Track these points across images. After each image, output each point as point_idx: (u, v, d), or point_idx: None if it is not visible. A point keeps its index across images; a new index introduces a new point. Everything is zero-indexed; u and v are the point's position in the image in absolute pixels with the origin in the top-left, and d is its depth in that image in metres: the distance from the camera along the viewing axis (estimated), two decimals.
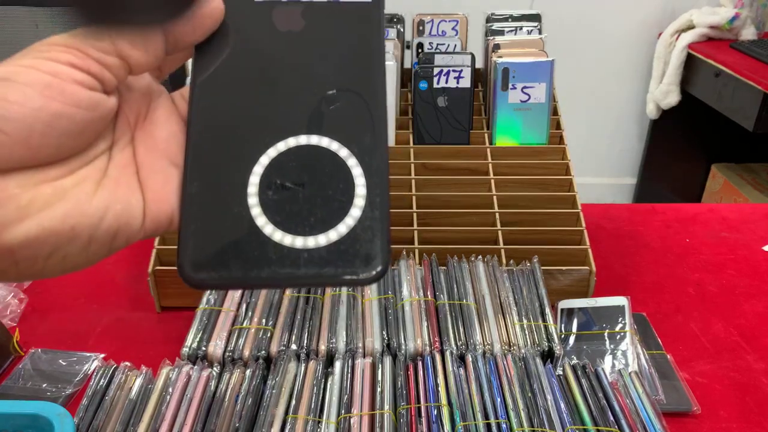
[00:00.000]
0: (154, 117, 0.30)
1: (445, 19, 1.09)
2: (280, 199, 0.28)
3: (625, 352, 0.71)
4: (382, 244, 0.27)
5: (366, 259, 0.26)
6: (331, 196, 0.27)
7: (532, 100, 0.95)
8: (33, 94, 0.25)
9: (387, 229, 0.27)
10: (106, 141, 0.28)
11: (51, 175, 0.26)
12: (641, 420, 0.61)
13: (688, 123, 2.30)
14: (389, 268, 0.27)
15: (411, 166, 0.95)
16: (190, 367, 0.65)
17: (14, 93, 0.24)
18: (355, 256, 0.27)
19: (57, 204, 0.26)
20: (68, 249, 0.26)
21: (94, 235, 0.26)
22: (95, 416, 0.64)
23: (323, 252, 0.27)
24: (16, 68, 0.25)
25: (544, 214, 0.89)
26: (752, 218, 1.05)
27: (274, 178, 0.28)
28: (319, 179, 0.28)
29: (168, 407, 0.61)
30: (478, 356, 0.66)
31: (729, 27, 2.08)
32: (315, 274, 0.27)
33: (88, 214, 0.26)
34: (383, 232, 0.27)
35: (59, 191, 0.26)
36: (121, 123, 0.29)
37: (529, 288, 0.76)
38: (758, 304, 0.85)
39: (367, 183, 0.28)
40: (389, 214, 0.27)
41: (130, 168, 0.28)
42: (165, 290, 0.81)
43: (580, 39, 2.27)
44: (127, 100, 0.29)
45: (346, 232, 0.27)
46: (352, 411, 0.60)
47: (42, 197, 0.25)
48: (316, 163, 0.28)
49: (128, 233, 0.28)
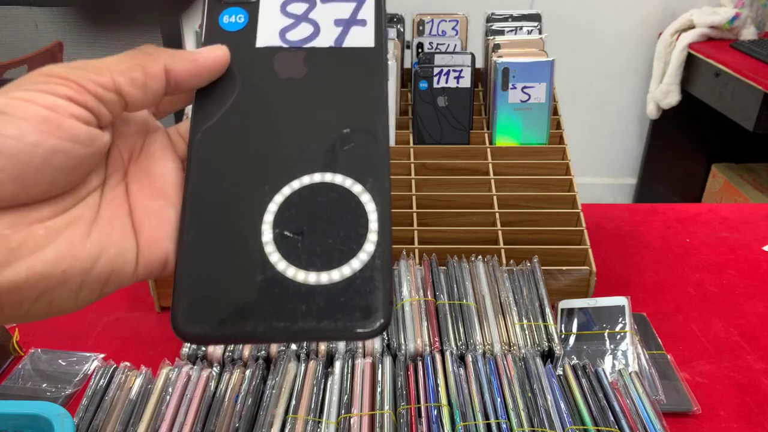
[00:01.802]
0: (149, 153, 0.29)
1: (445, 19, 1.09)
2: (286, 250, 0.26)
3: (626, 352, 0.71)
4: (385, 297, 0.26)
5: (369, 311, 0.25)
6: (336, 246, 0.26)
7: (532, 100, 0.95)
8: (29, 129, 0.23)
9: (390, 280, 0.26)
10: (99, 177, 0.27)
11: (43, 214, 0.25)
12: (641, 420, 0.61)
13: (688, 123, 2.30)
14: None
15: (411, 166, 0.95)
16: (190, 367, 0.65)
17: (9, 127, 0.23)
18: (359, 309, 0.25)
19: (49, 246, 0.24)
20: (57, 294, 0.25)
21: (86, 280, 0.25)
22: (95, 416, 0.64)
23: (328, 306, 0.26)
24: (10, 100, 0.24)
25: (544, 214, 0.89)
26: (752, 218, 1.05)
27: (273, 229, 0.27)
28: (326, 226, 0.27)
29: (168, 407, 0.61)
30: (478, 356, 0.66)
31: (729, 27, 2.08)
32: (323, 328, 0.25)
33: (81, 258, 0.25)
34: (386, 284, 0.26)
35: (51, 233, 0.25)
36: (114, 158, 0.28)
37: (530, 288, 0.76)
38: (758, 304, 0.85)
39: (372, 236, 0.26)
40: (392, 268, 0.26)
41: (123, 208, 0.27)
42: (165, 290, 0.81)
43: (580, 39, 2.27)
44: (122, 134, 0.29)
45: (347, 287, 0.26)
46: (352, 411, 0.60)
47: (34, 239, 0.24)
48: (316, 215, 0.27)
49: (120, 279, 0.26)
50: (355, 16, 0.31)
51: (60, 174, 0.25)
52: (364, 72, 0.30)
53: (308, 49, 0.30)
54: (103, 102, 0.26)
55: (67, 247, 0.25)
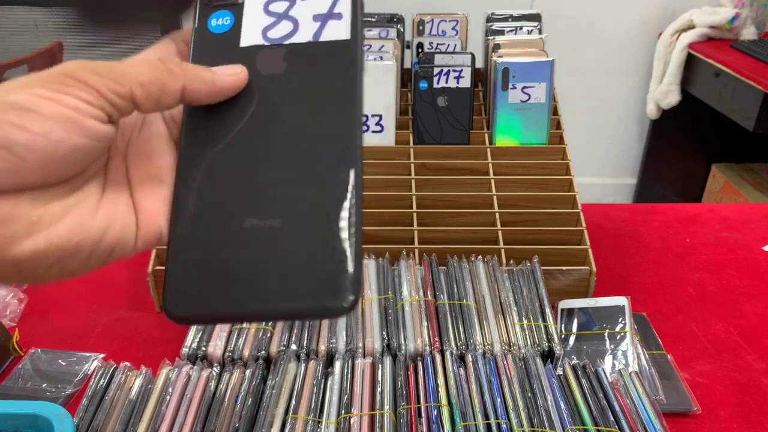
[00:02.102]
0: (147, 136, 0.32)
1: (445, 19, 1.09)
2: (257, 237, 0.29)
3: (626, 352, 0.71)
4: (356, 275, 0.28)
5: (340, 289, 0.27)
6: (311, 231, 0.28)
7: (532, 100, 0.95)
8: (56, 127, 0.26)
9: (360, 261, 0.28)
10: (103, 159, 0.31)
11: (58, 193, 0.28)
12: (641, 420, 0.61)
13: (688, 123, 2.30)
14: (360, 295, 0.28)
15: (411, 166, 0.95)
16: (190, 367, 0.65)
17: (37, 125, 0.26)
18: (332, 287, 0.27)
19: (63, 221, 0.28)
20: (69, 262, 0.28)
21: (95, 251, 0.29)
22: (95, 416, 0.64)
23: (302, 285, 0.28)
24: (36, 99, 0.26)
25: (544, 214, 0.89)
26: (752, 218, 1.05)
27: (252, 216, 0.29)
28: (296, 217, 0.29)
29: (168, 407, 0.61)
30: (478, 356, 0.66)
31: (729, 27, 2.08)
32: (298, 306, 0.28)
33: (92, 231, 0.29)
34: (357, 264, 0.28)
35: (66, 209, 0.28)
36: (116, 142, 0.31)
37: (529, 288, 0.76)
38: (758, 304, 0.85)
39: (343, 220, 0.28)
40: (362, 250, 0.28)
41: (124, 187, 0.31)
42: None
43: (580, 39, 2.27)
44: (124, 121, 0.31)
45: (321, 267, 0.28)
46: (352, 411, 0.60)
47: (50, 215, 0.27)
48: (293, 201, 0.29)
49: (124, 250, 0.30)
50: (332, 10, 0.32)
51: (77, 164, 0.28)
52: (340, 64, 0.31)
53: (288, 46, 0.32)
54: (118, 108, 0.29)
55: (79, 222, 0.28)
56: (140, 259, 0.89)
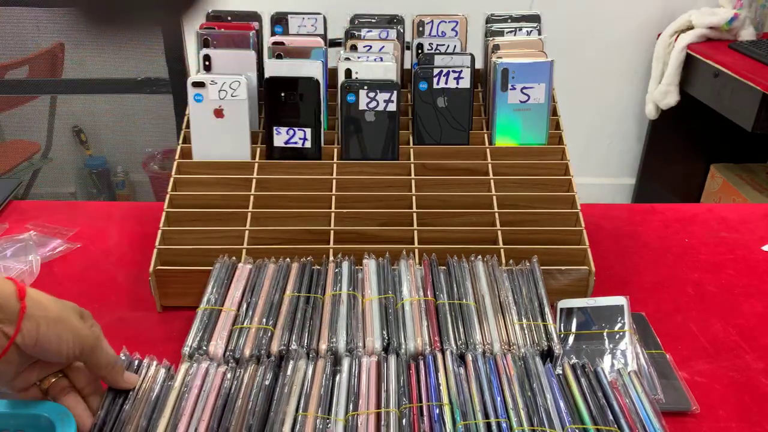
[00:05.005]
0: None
1: (445, 20, 1.09)
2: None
3: (624, 352, 0.71)
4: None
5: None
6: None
7: (531, 101, 0.96)
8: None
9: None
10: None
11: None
12: (640, 419, 0.62)
13: (687, 123, 2.30)
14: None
15: (411, 166, 0.95)
16: (209, 363, 0.65)
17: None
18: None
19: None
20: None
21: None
22: (121, 409, 0.62)
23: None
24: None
25: (543, 214, 0.89)
26: (751, 218, 1.05)
27: None
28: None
29: (186, 403, 0.61)
30: (478, 356, 0.66)
31: (728, 27, 2.08)
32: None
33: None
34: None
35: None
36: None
37: (529, 288, 0.76)
38: (757, 304, 0.85)
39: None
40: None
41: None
42: (166, 290, 0.81)
43: (579, 39, 2.28)
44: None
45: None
46: (359, 409, 0.61)
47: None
48: None
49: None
50: None
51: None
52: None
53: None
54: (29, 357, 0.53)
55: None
56: (141, 259, 0.89)
